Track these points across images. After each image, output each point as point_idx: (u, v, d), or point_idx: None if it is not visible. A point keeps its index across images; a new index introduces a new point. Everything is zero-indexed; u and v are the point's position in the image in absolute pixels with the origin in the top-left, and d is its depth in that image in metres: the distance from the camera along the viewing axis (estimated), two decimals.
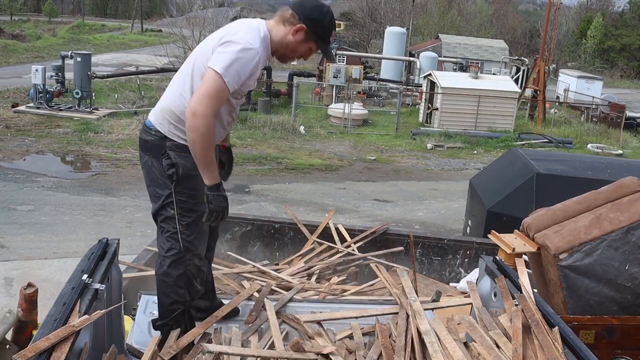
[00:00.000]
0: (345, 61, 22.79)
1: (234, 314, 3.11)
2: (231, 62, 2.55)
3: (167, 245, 2.77)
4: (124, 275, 3.56)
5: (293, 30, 2.71)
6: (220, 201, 2.66)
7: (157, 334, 2.97)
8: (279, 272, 4.24)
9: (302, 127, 16.73)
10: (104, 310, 2.23)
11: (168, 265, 2.78)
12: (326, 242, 4.66)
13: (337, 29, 47.03)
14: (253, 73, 2.66)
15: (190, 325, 2.90)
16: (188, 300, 2.86)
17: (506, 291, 2.53)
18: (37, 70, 16.13)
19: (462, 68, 24.13)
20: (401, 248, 4.72)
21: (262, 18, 2.93)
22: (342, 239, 4.75)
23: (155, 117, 2.77)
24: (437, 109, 18.25)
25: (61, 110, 16.35)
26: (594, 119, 21.68)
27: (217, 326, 2.95)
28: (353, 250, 4.61)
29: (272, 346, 2.71)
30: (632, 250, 2.87)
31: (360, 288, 4.12)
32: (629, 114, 21.37)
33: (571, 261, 2.85)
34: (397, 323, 2.69)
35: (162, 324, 2.85)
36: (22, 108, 16.25)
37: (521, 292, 2.47)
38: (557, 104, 23.81)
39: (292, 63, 32.94)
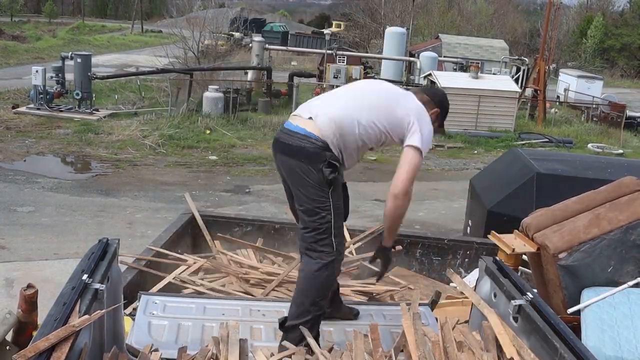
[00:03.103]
0: (345, 61, 22.78)
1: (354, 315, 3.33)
2: (425, 137, 2.93)
3: (322, 248, 2.84)
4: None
5: (432, 114, 3.09)
6: (391, 258, 3.16)
7: (157, 335, 2.97)
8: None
9: None
10: (104, 310, 2.23)
11: (320, 266, 2.84)
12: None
13: (337, 29, 46.74)
14: None
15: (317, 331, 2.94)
16: (325, 305, 2.95)
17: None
18: (37, 71, 16.15)
19: (463, 68, 24.10)
20: (400, 247, 4.71)
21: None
22: None
23: (317, 126, 2.82)
24: None
25: (61, 111, 16.36)
26: (595, 119, 21.67)
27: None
28: (352, 251, 4.60)
29: None
30: (631, 250, 2.87)
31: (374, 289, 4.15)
32: (629, 113, 21.34)
33: (570, 261, 2.85)
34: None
35: (293, 325, 2.86)
36: (22, 109, 16.26)
37: (522, 293, 2.43)
38: (557, 103, 23.80)
39: (292, 63, 32.89)
